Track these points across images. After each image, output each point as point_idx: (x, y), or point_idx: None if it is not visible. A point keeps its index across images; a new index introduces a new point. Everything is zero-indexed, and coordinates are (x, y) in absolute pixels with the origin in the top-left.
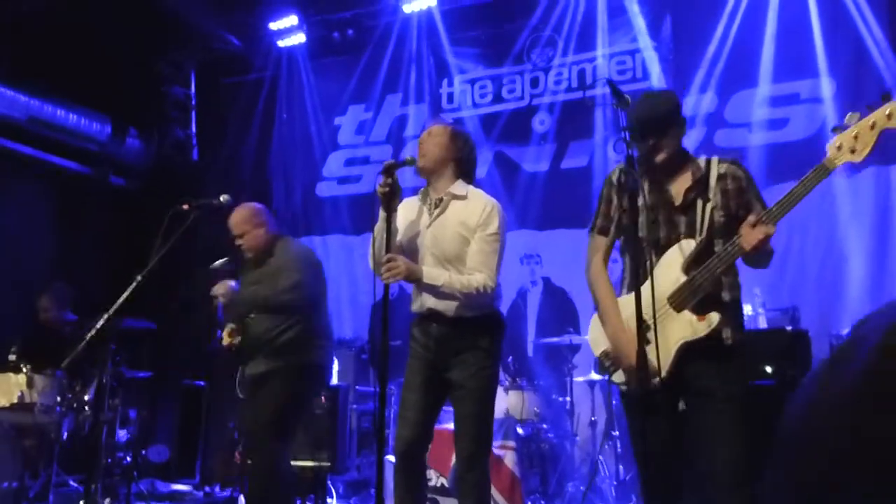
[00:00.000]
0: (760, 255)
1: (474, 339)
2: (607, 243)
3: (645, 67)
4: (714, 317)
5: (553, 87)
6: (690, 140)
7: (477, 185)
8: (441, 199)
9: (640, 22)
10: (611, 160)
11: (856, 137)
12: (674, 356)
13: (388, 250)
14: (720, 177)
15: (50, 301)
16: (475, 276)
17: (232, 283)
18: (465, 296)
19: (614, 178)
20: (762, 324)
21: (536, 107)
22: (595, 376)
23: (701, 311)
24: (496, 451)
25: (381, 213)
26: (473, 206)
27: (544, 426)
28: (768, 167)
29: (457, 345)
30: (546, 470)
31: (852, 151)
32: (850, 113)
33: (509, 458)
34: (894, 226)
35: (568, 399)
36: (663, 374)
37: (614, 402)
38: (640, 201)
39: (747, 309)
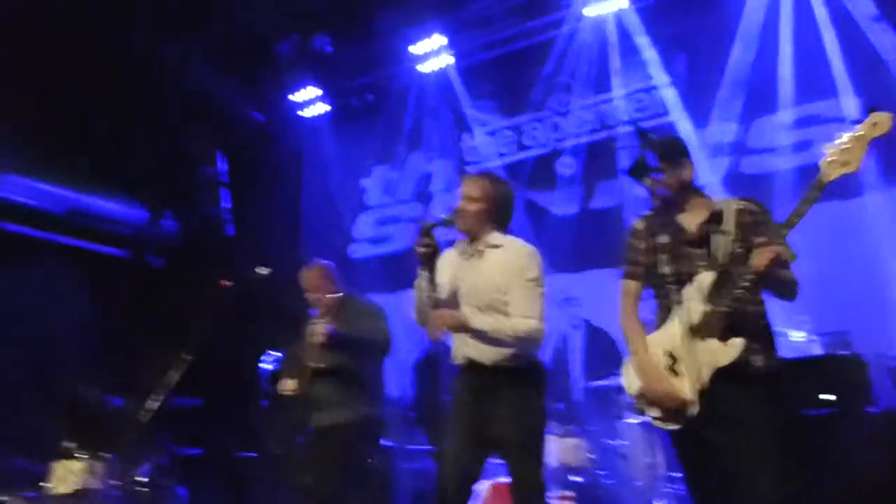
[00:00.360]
0: (781, 283)
1: (517, 392)
2: (637, 288)
3: (664, 103)
4: (737, 342)
5: (575, 131)
6: (718, 170)
7: (507, 233)
8: (478, 250)
9: (653, 60)
10: (641, 198)
11: (845, 150)
12: (705, 385)
13: (432, 306)
14: (738, 212)
15: (91, 390)
16: (522, 321)
17: (328, 325)
18: (515, 341)
19: (639, 227)
20: (815, 350)
21: (560, 151)
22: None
23: (726, 338)
24: (556, 503)
25: (423, 273)
26: (511, 254)
27: (601, 473)
28: (801, 190)
29: (498, 396)
30: None
31: (844, 164)
32: (836, 132)
33: None
34: None
35: (622, 442)
36: (695, 406)
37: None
38: (660, 240)
39: (797, 336)
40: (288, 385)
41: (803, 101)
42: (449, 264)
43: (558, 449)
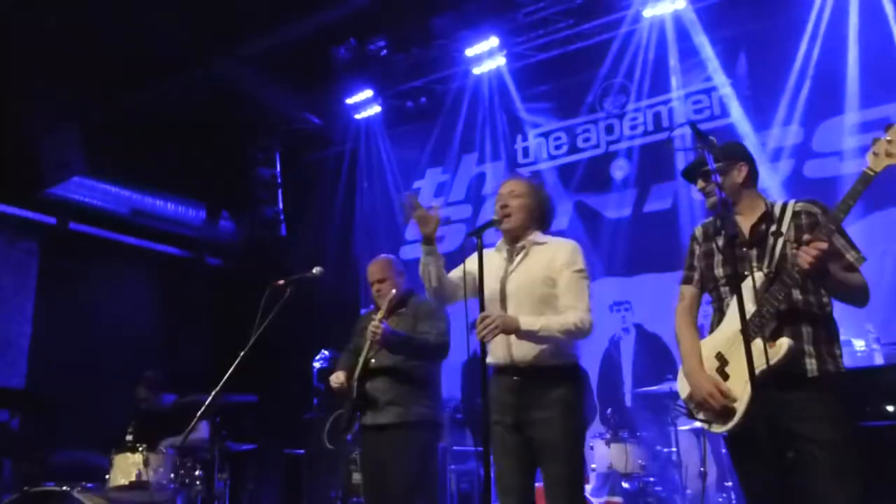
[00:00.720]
0: (841, 285)
1: (556, 393)
2: (693, 293)
3: (723, 104)
4: (784, 342)
5: (629, 133)
6: (780, 173)
7: (559, 236)
8: (523, 247)
9: (713, 60)
10: (696, 201)
11: (891, 142)
12: (754, 386)
13: (481, 308)
14: (795, 214)
15: (144, 390)
16: (570, 314)
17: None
18: (566, 334)
19: (697, 233)
20: (878, 360)
21: (614, 153)
22: (701, 423)
23: (775, 339)
24: None
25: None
26: (556, 249)
27: (651, 479)
28: (865, 195)
29: (535, 396)
30: None
31: (889, 155)
32: (886, 125)
33: None
34: None
35: (674, 450)
36: (741, 408)
37: (723, 450)
38: (716, 242)
39: (859, 345)
40: (338, 378)
41: (870, 105)
42: (492, 267)
43: (607, 454)
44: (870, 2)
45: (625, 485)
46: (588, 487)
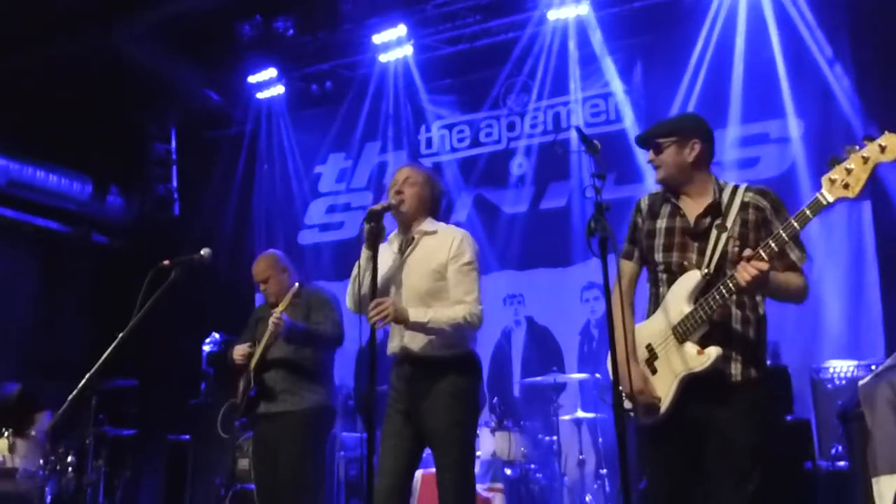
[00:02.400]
0: (780, 292)
1: (447, 383)
2: (632, 269)
3: (618, 110)
4: (712, 351)
5: (529, 131)
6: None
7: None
8: (412, 238)
9: (611, 68)
10: (587, 200)
11: (848, 171)
12: (675, 389)
13: (372, 294)
14: (743, 205)
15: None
16: (458, 308)
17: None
18: (454, 328)
19: (642, 204)
20: None
21: (514, 150)
22: (581, 414)
23: (706, 344)
24: (484, 493)
25: (365, 253)
26: (443, 240)
27: (532, 467)
28: None
29: (428, 386)
30: None
31: (846, 186)
32: (847, 146)
33: (498, 501)
34: (868, 261)
35: (555, 438)
36: (664, 406)
37: (600, 440)
38: (659, 224)
39: None
40: (242, 349)
41: (752, 120)
42: (384, 260)
43: (492, 441)
44: (756, 24)
45: (507, 472)
46: None
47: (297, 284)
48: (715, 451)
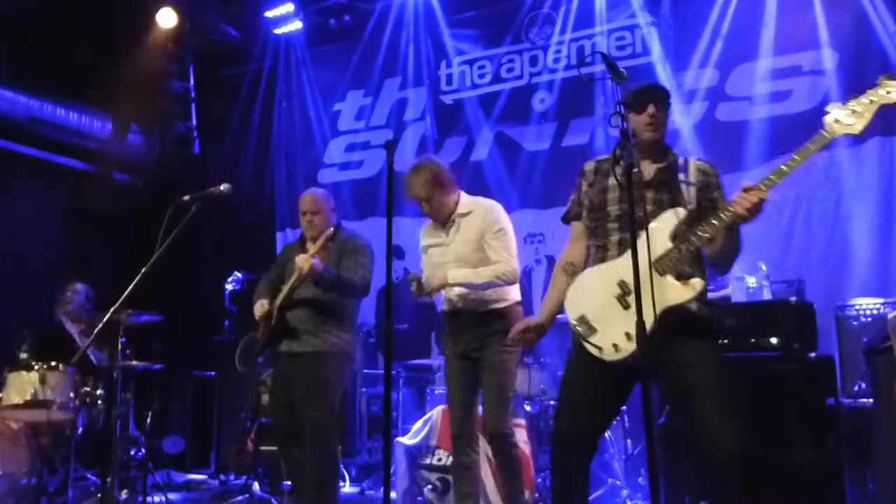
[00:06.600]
0: (727, 253)
1: (496, 327)
2: (581, 229)
3: (644, 43)
4: (697, 282)
5: (552, 66)
6: (693, 115)
7: (478, 166)
8: (453, 221)
9: None
10: (612, 137)
11: (852, 112)
12: (657, 320)
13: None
14: (698, 168)
15: (73, 297)
16: (497, 266)
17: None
18: (487, 284)
19: (587, 169)
20: (766, 296)
21: (536, 85)
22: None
23: (683, 278)
24: None
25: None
26: (476, 217)
27: (552, 403)
28: (772, 139)
29: (479, 330)
30: None
31: (849, 125)
32: (853, 94)
33: (519, 436)
34: None
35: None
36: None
37: None
38: (611, 181)
39: (751, 281)
40: (263, 306)
41: (784, 52)
42: (430, 234)
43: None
44: None
45: (527, 408)
46: None
47: (331, 228)
48: (696, 375)
